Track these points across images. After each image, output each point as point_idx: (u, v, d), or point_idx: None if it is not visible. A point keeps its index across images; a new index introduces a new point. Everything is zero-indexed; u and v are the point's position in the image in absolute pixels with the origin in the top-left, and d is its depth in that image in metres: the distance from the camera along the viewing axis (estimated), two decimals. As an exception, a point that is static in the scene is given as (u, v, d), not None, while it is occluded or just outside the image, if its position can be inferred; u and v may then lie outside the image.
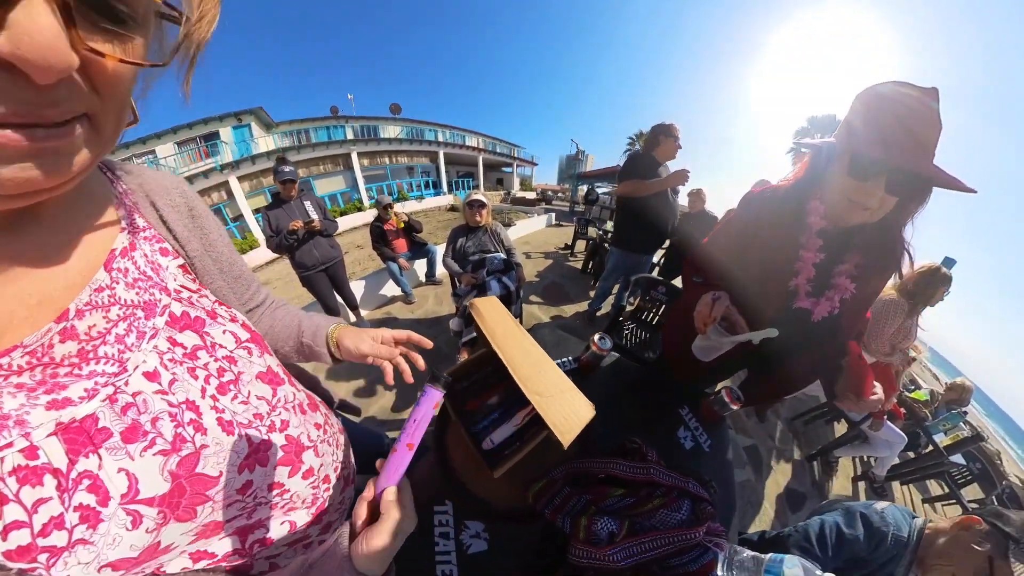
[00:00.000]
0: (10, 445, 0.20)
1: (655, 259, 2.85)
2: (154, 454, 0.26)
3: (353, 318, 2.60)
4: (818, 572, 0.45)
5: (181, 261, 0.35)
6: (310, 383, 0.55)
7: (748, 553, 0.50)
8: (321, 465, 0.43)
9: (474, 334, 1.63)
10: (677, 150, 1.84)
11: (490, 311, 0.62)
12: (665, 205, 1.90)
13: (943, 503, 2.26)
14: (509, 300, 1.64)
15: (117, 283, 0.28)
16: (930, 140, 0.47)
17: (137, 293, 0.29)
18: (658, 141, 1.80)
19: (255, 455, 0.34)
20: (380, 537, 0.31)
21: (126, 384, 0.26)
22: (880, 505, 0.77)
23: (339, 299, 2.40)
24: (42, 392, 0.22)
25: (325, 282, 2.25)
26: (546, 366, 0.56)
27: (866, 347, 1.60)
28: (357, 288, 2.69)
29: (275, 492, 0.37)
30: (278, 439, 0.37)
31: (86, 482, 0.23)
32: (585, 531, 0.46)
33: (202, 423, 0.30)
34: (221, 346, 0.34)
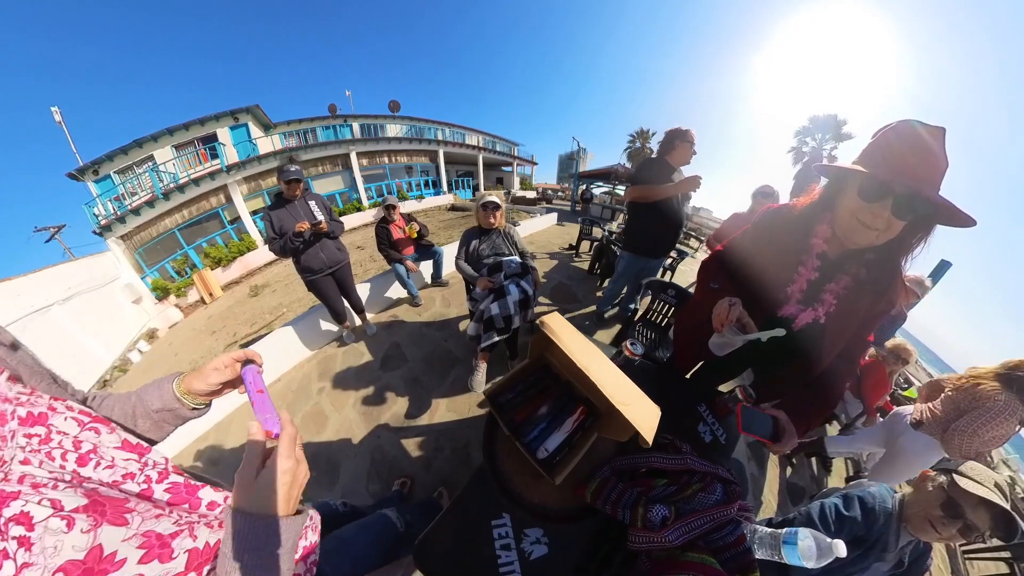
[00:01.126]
0: None
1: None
2: (64, 488, 0.32)
3: (359, 321, 2.58)
4: (827, 539, 0.52)
5: (8, 373, 0.38)
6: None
7: (767, 530, 0.57)
8: (226, 498, 0.44)
9: (495, 339, 1.64)
10: (692, 156, 1.85)
11: (560, 328, 0.63)
12: (676, 210, 1.92)
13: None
14: (527, 303, 1.67)
15: None
16: (935, 175, 0.52)
17: None
18: (673, 146, 1.82)
19: (143, 494, 0.38)
20: (243, 469, 0.34)
21: (11, 470, 0.31)
22: (872, 488, 0.87)
23: (345, 303, 2.36)
24: None
25: (332, 287, 2.19)
26: (618, 375, 0.60)
27: (947, 443, 1.26)
28: (363, 291, 2.68)
29: (197, 512, 0.40)
30: (159, 486, 0.40)
31: (12, 524, 0.28)
32: (643, 519, 0.52)
33: (85, 476, 0.35)
34: (66, 433, 0.36)
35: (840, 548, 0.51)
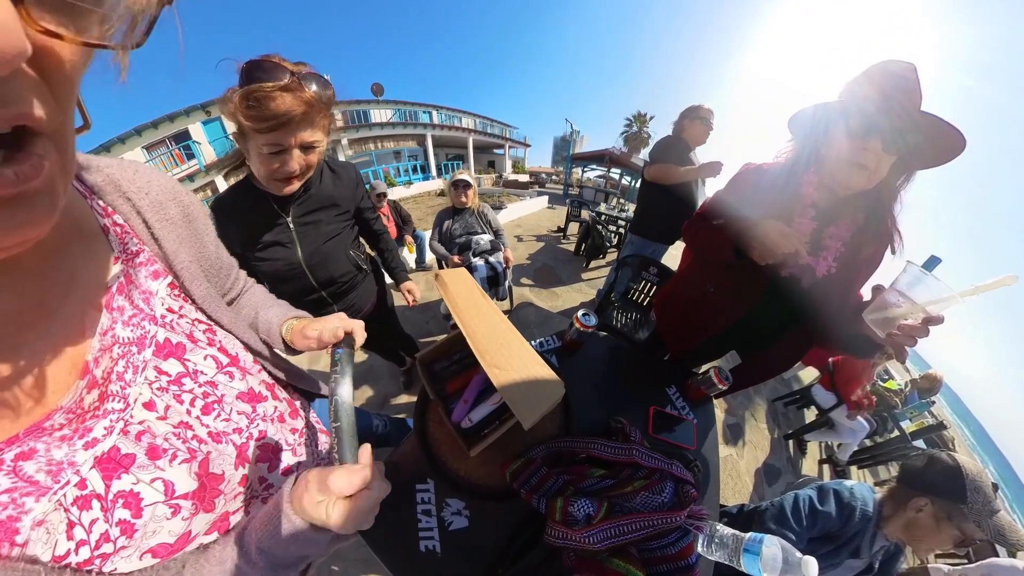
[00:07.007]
0: (69, 483, 0.25)
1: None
2: (180, 463, 0.31)
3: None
4: (797, 553, 0.46)
5: (170, 279, 0.35)
6: (296, 375, 0.54)
7: (728, 531, 0.50)
8: (299, 464, 0.46)
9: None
10: (708, 134, 1.75)
11: (456, 282, 0.58)
12: (692, 195, 1.81)
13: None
14: (496, 281, 1.61)
15: (116, 323, 0.29)
16: (916, 107, 0.53)
17: (132, 330, 0.30)
18: (689, 123, 1.72)
19: (240, 455, 0.37)
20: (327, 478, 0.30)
21: (131, 416, 0.29)
22: (849, 483, 0.82)
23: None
24: (78, 438, 0.26)
25: None
26: (513, 340, 0.53)
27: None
28: (345, 278, 2.64)
29: (263, 486, 0.40)
30: (253, 444, 0.40)
31: (121, 500, 0.27)
32: (561, 512, 0.45)
33: (200, 436, 0.33)
34: (202, 372, 0.35)
35: (811, 568, 0.46)
